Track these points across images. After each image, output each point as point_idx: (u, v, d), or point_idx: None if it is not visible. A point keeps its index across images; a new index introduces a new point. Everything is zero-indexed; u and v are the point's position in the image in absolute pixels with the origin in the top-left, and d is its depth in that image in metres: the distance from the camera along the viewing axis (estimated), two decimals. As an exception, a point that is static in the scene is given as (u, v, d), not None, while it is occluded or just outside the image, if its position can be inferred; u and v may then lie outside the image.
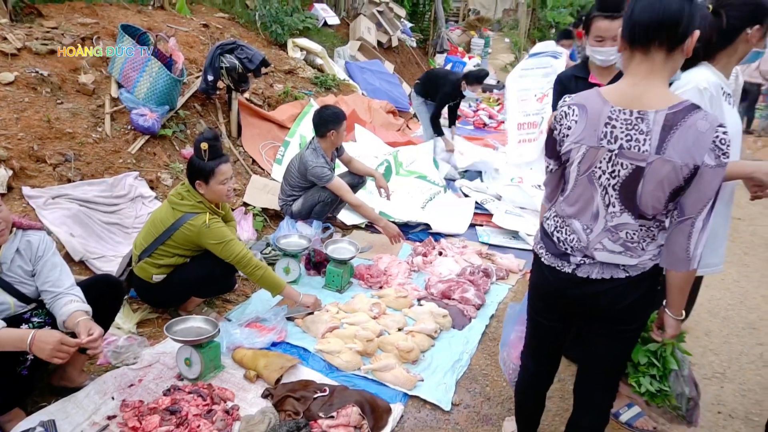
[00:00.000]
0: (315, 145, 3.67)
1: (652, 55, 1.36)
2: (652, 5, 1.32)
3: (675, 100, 1.36)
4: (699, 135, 1.31)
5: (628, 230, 1.47)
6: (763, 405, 2.53)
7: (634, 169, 1.39)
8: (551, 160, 1.59)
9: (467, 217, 4.39)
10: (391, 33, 9.80)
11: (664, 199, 1.39)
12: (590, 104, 1.44)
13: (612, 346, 1.62)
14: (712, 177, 1.33)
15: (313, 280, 3.42)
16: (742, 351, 2.95)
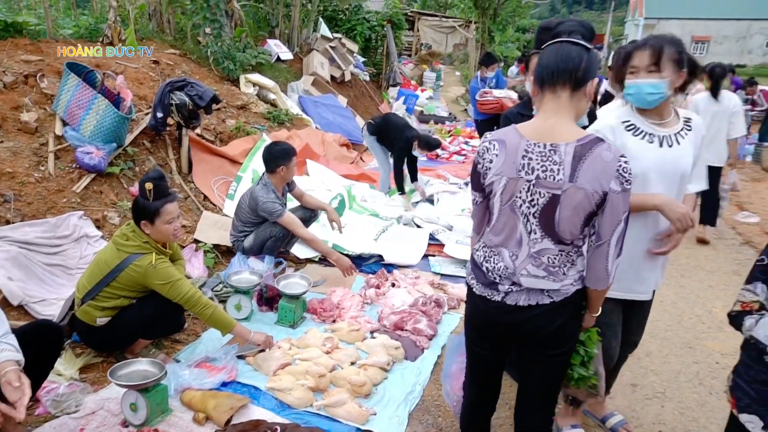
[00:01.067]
0: (265, 180, 3.70)
1: (558, 94, 1.55)
2: (556, 52, 1.55)
3: (582, 133, 1.54)
4: (605, 164, 1.48)
5: (550, 255, 1.60)
6: (700, 422, 2.66)
7: (550, 197, 1.52)
8: (476, 193, 1.70)
9: (421, 248, 4.47)
10: (344, 67, 10.01)
11: (579, 224, 1.54)
12: (508, 139, 1.57)
13: (544, 371, 1.73)
14: (619, 202, 1.50)
15: (265, 316, 3.40)
16: (680, 370, 3.10)
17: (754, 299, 1.70)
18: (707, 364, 3.16)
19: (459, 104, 14.91)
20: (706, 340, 3.43)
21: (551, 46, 1.56)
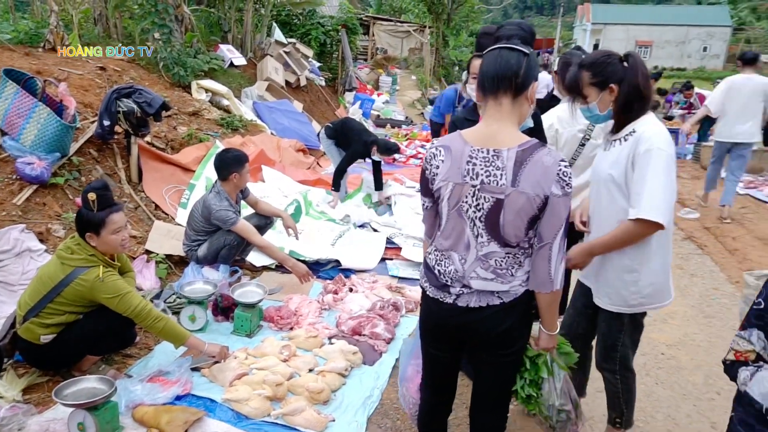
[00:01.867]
0: (218, 188, 3.64)
1: (500, 101, 1.59)
2: (496, 60, 1.57)
3: (523, 139, 1.58)
4: (545, 169, 1.52)
5: (497, 258, 1.64)
6: (647, 411, 2.78)
7: (495, 201, 1.56)
8: (426, 198, 1.74)
9: (378, 252, 4.49)
10: (299, 73, 9.95)
11: (523, 227, 1.58)
12: (453, 145, 1.61)
13: (495, 371, 1.77)
14: (560, 205, 1.54)
15: (221, 327, 3.34)
16: (628, 362, 3.22)
17: (748, 348, 1.57)
18: (653, 356, 3.30)
19: (415, 108, 15.04)
20: (652, 333, 3.58)
21: (491, 52, 1.60)
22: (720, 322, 3.75)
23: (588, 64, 2.09)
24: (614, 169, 2.02)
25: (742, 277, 4.48)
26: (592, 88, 2.08)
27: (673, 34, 43.97)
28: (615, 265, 2.09)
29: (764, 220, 6.00)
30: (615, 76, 2.03)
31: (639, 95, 2.02)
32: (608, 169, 2.06)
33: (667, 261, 2.14)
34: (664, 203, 1.87)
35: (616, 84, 2.02)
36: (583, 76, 2.09)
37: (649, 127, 1.98)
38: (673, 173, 1.94)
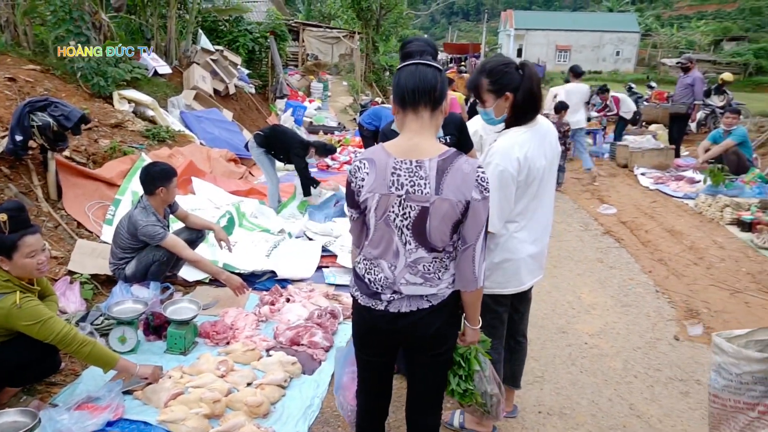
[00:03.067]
0: (144, 203, 3.53)
1: (420, 114, 1.67)
2: (413, 75, 1.65)
3: (442, 149, 1.68)
4: (465, 176, 1.63)
5: (425, 263, 1.72)
6: (573, 399, 2.95)
7: (420, 209, 1.64)
8: (352, 210, 1.78)
9: (314, 261, 4.50)
10: (228, 80, 9.76)
11: (448, 232, 1.68)
12: (377, 157, 1.67)
13: (428, 372, 1.85)
14: (480, 209, 1.66)
15: (154, 346, 3.24)
16: (555, 354, 3.41)
17: None
18: (578, 346, 3.51)
19: (347, 114, 15.10)
20: (576, 324, 3.81)
21: (407, 68, 1.67)
22: (636, 310, 4.04)
23: (487, 71, 2.20)
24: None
25: (655, 268, 4.86)
26: (489, 94, 2.20)
27: (589, 39, 46.57)
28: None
29: (671, 213, 6.50)
30: (511, 84, 2.15)
31: (533, 104, 2.17)
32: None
33: (507, 257, 2.28)
34: (498, 212, 2.13)
35: (511, 92, 2.15)
36: (482, 82, 2.21)
37: (502, 141, 2.15)
38: (507, 187, 2.11)
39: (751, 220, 5.63)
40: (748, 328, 3.76)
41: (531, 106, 2.17)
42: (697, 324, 3.81)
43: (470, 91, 2.33)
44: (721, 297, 4.24)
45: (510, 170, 2.11)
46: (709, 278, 4.60)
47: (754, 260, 4.97)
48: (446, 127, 2.85)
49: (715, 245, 5.36)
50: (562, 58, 46.07)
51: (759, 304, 4.11)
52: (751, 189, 6.89)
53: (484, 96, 2.22)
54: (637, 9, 56.11)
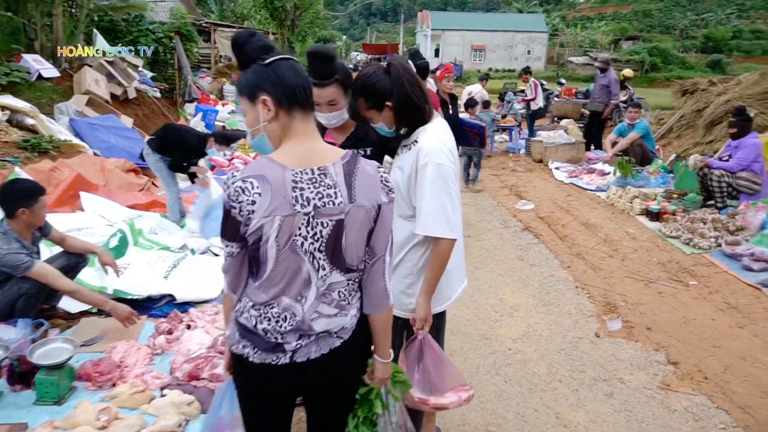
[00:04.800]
0: (5, 228, 3.00)
1: (309, 114, 1.43)
2: (294, 69, 1.40)
3: (340, 151, 1.45)
4: (370, 178, 1.43)
5: (340, 288, 1.46)
6: (498, 413, 2.79)
7: (335, 224, 1.39)
8: (233, 244, 1.40)
9: (219, 279, 4.09)
10: (126, 84, 9.00)
11: (363, 245, 1.46)
12: (269, 173, 1.35)
13: (336, 417, 1.61)
14: (389, 213, 1.47)
15: (20, 397, 2.74)
16: (479, 364, 3.25)
17: None
18: (502, 353, 3.38)
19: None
20: (499, 329, 3.68)
21: (285, 62, 1.40)
22: (557, 308, 3.99)
23: (359, 91, 2.02)
24: (400, 175, 2.02)
25: (573, 263, 4.87)
26: (371, 111, 2.03)
27: (502, 39, 48.23)
28: (397, 274, 2.10)
29: (585, 206, 6.65)
30: (387, 92, 1.97)
31: (412, 104, 1.99)
32: (395, 176, 2.05)
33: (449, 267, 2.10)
34: (444, 217, 1.93)
35: (389, 100, 1.97)
36: (360, 104, 2.03)
37: (429, 140, 1.97)
38: (453, 186, 1.96)
39: (658, 210, 5.82)
40: (662, 318, 3.82)
41: (411, 107, 1.99)
42: (616, 319, 3.80)
43: (352, 115, 2.14)
44: (636, 288, 4.29)
45: (449, 165, 1.96)
46: (624, 270, 4.66)
47: (663, 249, 5.11)
48: (365, 137, 2.57)
49: (627, 236, 5.48)
50: (478, 58, 47.44)
51: (670, 293, 4.18)
52: (655, 179, 7.20)
53: (368, 115, 2.04)
54: (544, 10, 58.99)
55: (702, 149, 7.68)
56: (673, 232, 5.31)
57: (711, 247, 4.92)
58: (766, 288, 4.11)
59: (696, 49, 43.30)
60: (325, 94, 2.41)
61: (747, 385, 3.00)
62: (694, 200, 6.00)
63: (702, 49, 43.17)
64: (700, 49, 43.08)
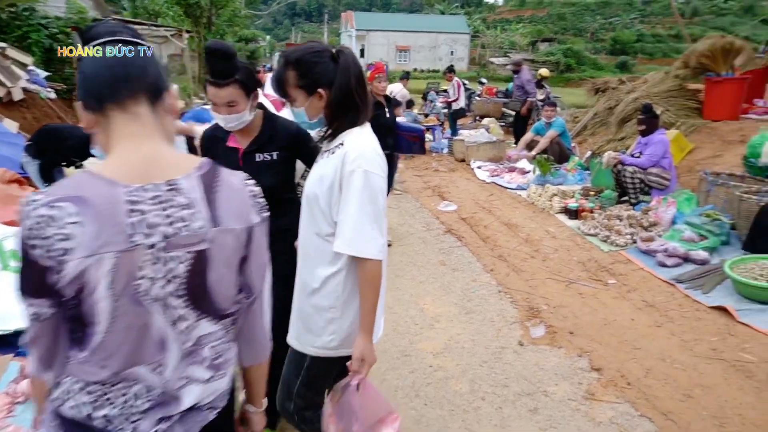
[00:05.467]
0: None
1: (133, 111, 1.05)
2: (96, 59, 1.05)
3: (195, 159, 1.10)
4: (237, 192, 1.11)
5: (213, 341, 1.11)
6: (417, 442, 2.54)
7: (195, 257, 1.03)
8: (40, 301, 0.99)
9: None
10: (10, 84, 8.06)
11: (235, 281, 1.13)
12: (91, 192, 0.96)
13: None
14: (263, 237, 1.17)
15: None
16: (398, 385, 2.99)
17: None
18: (422, 371, 3.14)
19: (177, 119, 13.68)
20: (419, 343, 3.44)
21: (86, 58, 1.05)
22: (480, 316, 3.81)
23: (294, 62, 1.70)
24: (319, 185, 1.72)
25: (496, 266, 4.74)
26: (299, 90, 1.72)
27: (426, 40, 48.86)
28: (313, 303, 1.80)
29: (507, 206, 6.60)
30: (325, 78, 1.69)
31: (351, 101, 1.70)
32: (314, 185, 1.74)
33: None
34: (372, 234, 1.64)
35: (326, 88, 1.69)
36: (289, 75, 1.71)
37: (357, 144, 1.69)
38: (382, 198, 1.69)
39: (576, 208, 5.85)
40: (584, 321, 3.73)
41: (350, 105, 1.70)
42: (539, 324, 3.67)
43: (276, 88, 1.78)
44: (557, 290, 4.20)
45: (380, 173, 1.69)
46: (546, 271, 4.58)
47: (583, 247, 5.11)
48: (272, 141, 2.25)
49: (548, 235, 5.45)
50: (403, 58, 47.78)
51: (591, 293, 4.13)
52: (573, 176, 7.30)
53: (292, 93, 1.73)
54: (465, 12, 60.45)
55: (615, 146, 7.89)
56: (592, 230, 5.32)
57: (627, 244, 4.96)
58: (679, 284, 4.15)
59: (605, 50, 45.91)
60: (223, 95, 2.09)
61: (668, 388, 2.93)
62: (610, 197, 6.09)
63: (611, 51, 45.83)
64: (609, 51, 45.71)
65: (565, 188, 6.61)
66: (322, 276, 1.75)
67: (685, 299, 3.94)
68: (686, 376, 3.04)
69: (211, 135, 2.36)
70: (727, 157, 6.58)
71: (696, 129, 7.49)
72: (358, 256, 1.64)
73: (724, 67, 7.42)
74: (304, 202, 1.80)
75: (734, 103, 7.39)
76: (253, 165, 2.21)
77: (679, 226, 4.92)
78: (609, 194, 6.15)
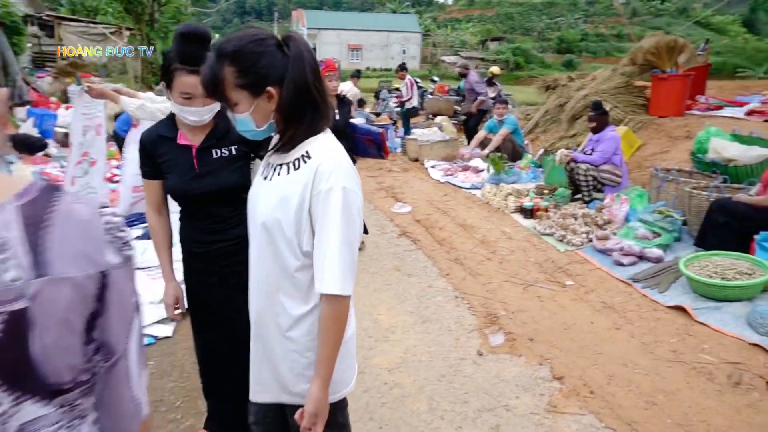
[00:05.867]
0: None
1: None
2: None
3: (18, 182, 0.81)
4: (85, 225, 0.81)
5: (47, 426, 0.81)
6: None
7: (7, 320, 0.74)
8: None
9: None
10: None
11: (80, 344, 0.81)
12: None
13: None
14: (125, 281, 0.84)
15: None
16: (351, 408, 2.71)
17: None
18: (376, 389, 2.92)
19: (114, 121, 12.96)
20: (374, 358, 3.22)
21: None
22: (437, 325, 3.63)
23: (231, 55, 1.33)
24: (282, 209, 1.39)
25: (452, 269, 4.57)
26: (239, 92, 1.37)
27: (378, 39, 48.78)
28: (287, 351, 1.49)
29: (462, 206, 6.47)
30: (274, 72, 1.35)
31: (309, 98, 1.39)
32: (273, 209, 1.40)
33: (352, 330, 1.60)
34: (352, 268, 1.37)
35: (276, 85, 1.36)
36: (226, 74, 1.35)
37: (329, 155, 1.40)
38: (358, 219, 1.40)
39: (531, 207, 5.77)
40: (543, 326, 3.61)
41: (308, 103, 1.39)
42: (498, 331, 3.52)
43: (208, 91, 1.42)
44: (515, 294, 4.07)
45: (357, 190, 1.40)
46: (503, 273, 4.45)
47: (539, 248, 5.02)
48: (228, 135, 2.01)
49: (504, 236, 5.34)
50: (355, 57, 47.52)
51: (549, 296, 4.02)
52: (527, 174, 7.27)
53: (231, 95, 1.37)
54: (416, 11, 60.74)
55: (567, 143, 7.92)
56: (547, 230, 5.25)
57: (583, 243, 4.90)
58: (636, 283, 4.09)
59: (552, 49, 47.04)
60: (200, 84, 1.80)
61: (631, 395, 2.83)
62: (564, 195, 6.05)
63: (557, 49, 46.99)
64: (556, 50, 46.86)
65: (519, 187, 6.55)
66: (295, 315, 1.45)
67: (643, 299, 3.89)
68: (649, 381, 2.94)
69: (155, 136, 2.03)
70: (674, 152, 6.67)
71: (643, 125, 7.60)
72: (342, 294, 1.36)
73: (669, 64, 7.56)
74: (260, 231, 1.45)
75: (679, 100, 7.53)
76: (210, 162, 1.98)
77: (633, 223, 4.90)
78: (563, 192, 6.11)
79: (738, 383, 2.87)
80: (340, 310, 1.39)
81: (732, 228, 4.22)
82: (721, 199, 4.45)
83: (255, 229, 1.48)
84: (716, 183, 5.01)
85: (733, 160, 5.25)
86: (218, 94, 1.40)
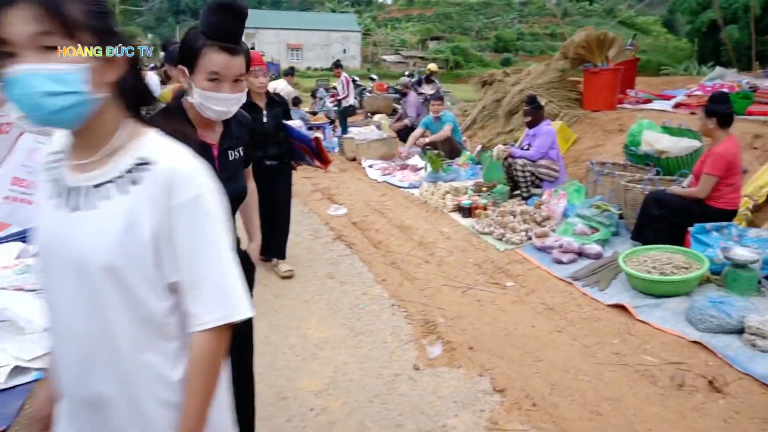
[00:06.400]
0: None
1: None
2: None
3: None
4: None
5: None
6: None
7: None
8: None
9: None
10: None
11: None
12: None
13: None
14: None
15: None
16: (269, 441, 2.43)
17: None
18: (301, 417, 2.60)
19: (31, 125, 11.96)
20: (300, 380, 2.90)
21: None
22: (371, 337, 3.35)
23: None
24: (128, 244, 1.02)
25: (389, 274, 4.31)
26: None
27: (318, 38, 48.11)
28: (149, 397, 1.10)
29: (400, 206, 6.23)
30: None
31: (138, 91, 1.11)
32: (115, 247, 1.02)
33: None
34: (239, 283, 1.10)
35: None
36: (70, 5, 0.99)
37: (173, 153, 1.08)
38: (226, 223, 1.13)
39: (469, 205, 5.60)
40: (483, 333, 3.40)
41: (138, 95, 1.11)
42: (436, 341, 3.28)
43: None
44: (454, 298, 3.85)
45: (218, 191, 1.15)
46: (442, 277, 4.22)
47: (478, 247, 4.84)
48: (237, 135, 1.84)
49: (442, 237, 5.13)
50: (295, 57, 46.65)
51: (489, 299, 3.82)
52: (465, 171, 7.12)
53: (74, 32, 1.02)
54: (356, 11, 60.40)
55: (504, 139, 7.85)
56: (486, 228, 5.08)
57: (523, 242, 4.76)
58: (576, 282, 3.97)
59: (490, 48, 47.98)
60: (237, 65, 1.63)
61: (575, 406, 2.64)
62: (502, 192, 5.92)
63: (494, 48, 47.99)
64: (493, 49, 47.84)
65: (457, 185, 6.37)
66: (175, 377, 1.11)
67: (584, 298, 3.76)
68: (592, 388, 2.77)
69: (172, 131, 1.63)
70: (608, 146, 6.70)
71: (578, 119, 7.63)
72: (234, 321, 1.08)
73: (599, 58, 7.62)
74: (95, 280, 1.03)
75: (611, 93, 7.60)
76: (228, 165, 1.77)
77: (571, 219, 4.80)
78: (501, 189, 5.98)
79: (681, 385, 2.75)
80: (225, 339, 1.11)
81: (667, 221, 4.18)
82: (656, 192, 4.41)
83: (81, 280, 1.04)
84: (650, 176, 5.00)
85: (665, 151, 5.27)
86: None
